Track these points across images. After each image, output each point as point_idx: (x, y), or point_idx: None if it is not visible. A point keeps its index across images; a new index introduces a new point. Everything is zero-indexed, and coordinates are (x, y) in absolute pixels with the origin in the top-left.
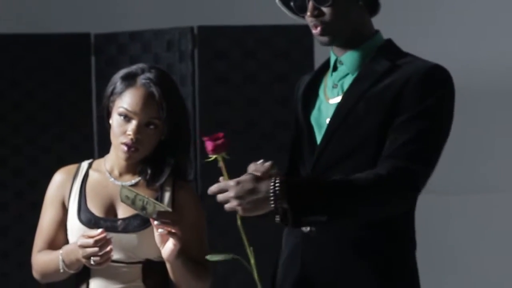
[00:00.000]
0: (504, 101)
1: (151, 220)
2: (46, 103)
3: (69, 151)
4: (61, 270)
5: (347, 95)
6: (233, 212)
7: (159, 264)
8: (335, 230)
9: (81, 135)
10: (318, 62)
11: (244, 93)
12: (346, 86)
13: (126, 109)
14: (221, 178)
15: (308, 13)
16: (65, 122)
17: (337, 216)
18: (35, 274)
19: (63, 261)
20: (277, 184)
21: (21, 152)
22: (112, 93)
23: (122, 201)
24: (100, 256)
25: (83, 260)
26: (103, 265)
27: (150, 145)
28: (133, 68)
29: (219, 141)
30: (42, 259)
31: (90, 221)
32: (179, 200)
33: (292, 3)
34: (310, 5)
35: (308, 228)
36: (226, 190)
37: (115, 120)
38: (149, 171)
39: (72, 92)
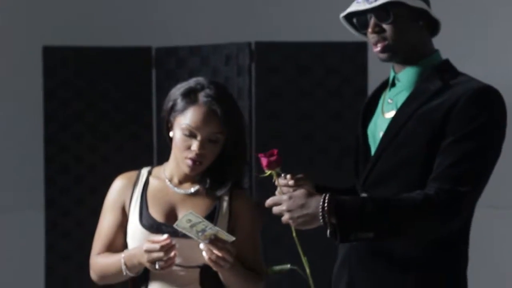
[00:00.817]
0: None
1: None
2: (107, 113)
3: (129, 160)
4: (124, 273)
5: (399, 112)
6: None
7: None
8: (382, 243)
9: (141, 145)
10: (371, 79)
11: (298, 107)
12: (400, 102)
13: (190, 126)
14: (276, 192)
15: (370, 30)
16: (126, 132)
17: (383, 234)
18: (93, 275)
19: (125, 264)
20: (326, 201)
21: (83, 160)
22: (172, 109)
23: (177, 224)
24: (165, 261)
25: (147, 264)
26: (167, 269)
27: (213, 158)
28: (192, 83)
29: (273, 158)
30: (102, 262)
31: (152, 226)
32: (236, 209)
33: (355, 20)
34: (372, 21)
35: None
36: (280, 204)
37: (179, 136)
38: (208, 181)
39: (133, 103)
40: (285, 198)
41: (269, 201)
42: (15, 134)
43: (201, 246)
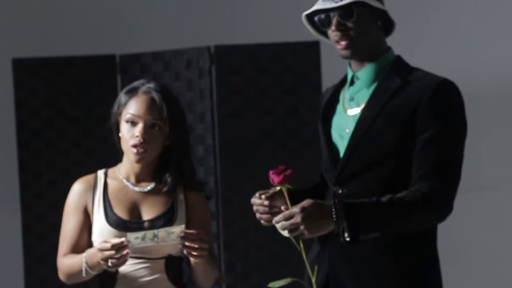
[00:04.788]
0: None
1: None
2: (76, 119)
3: (100, 163)
4: (84, 272)
5: (366, 110)
6: (250, 214)
7: (179, 259)
8: None
9: (110, 149)
10: (324, 75)
11: (258, 105)
12: (361, 99)
13: (132, 114)
14: (283, 207)
15: (333, 27)
16: (94, 136)
17: (389, 232)
18: (61, 276)
19: (87, 263)
20: (337, 207)
21: (55, 165)
22: (118, 107)
23: (131, 246)
24: (117, 258)
25: (102, 262)
26: (118, 267)
27: (157, 146)
28: (135, 83)
29: (287, 172)
30: (68, 262)
31: (119, 224)
32: (191, 201)
33: (316, 18)
34: (335, 20)
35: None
36: (292, 217)
37: (124, 128)
38: (163, 177)
39: (100, 109)
40: (297, 211)
41: (279, 217)
42: None
43: (184, 251)
